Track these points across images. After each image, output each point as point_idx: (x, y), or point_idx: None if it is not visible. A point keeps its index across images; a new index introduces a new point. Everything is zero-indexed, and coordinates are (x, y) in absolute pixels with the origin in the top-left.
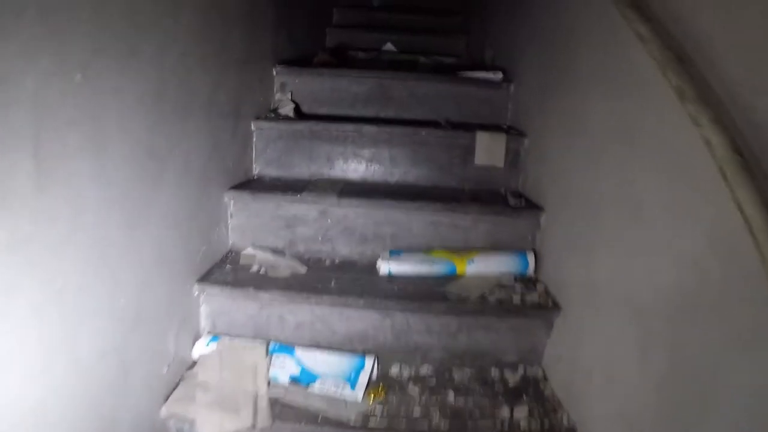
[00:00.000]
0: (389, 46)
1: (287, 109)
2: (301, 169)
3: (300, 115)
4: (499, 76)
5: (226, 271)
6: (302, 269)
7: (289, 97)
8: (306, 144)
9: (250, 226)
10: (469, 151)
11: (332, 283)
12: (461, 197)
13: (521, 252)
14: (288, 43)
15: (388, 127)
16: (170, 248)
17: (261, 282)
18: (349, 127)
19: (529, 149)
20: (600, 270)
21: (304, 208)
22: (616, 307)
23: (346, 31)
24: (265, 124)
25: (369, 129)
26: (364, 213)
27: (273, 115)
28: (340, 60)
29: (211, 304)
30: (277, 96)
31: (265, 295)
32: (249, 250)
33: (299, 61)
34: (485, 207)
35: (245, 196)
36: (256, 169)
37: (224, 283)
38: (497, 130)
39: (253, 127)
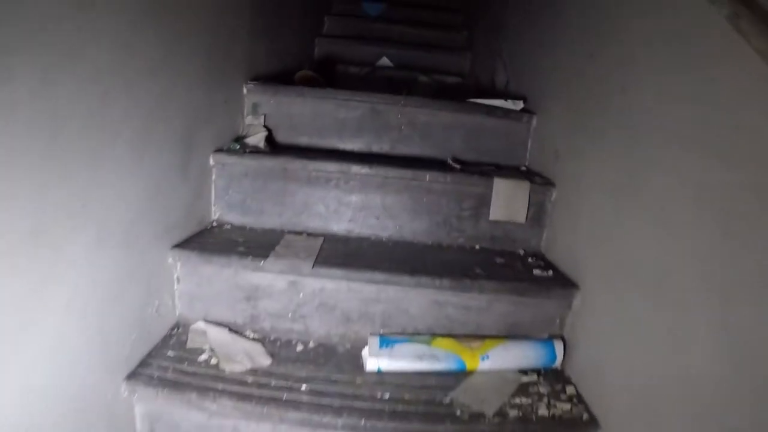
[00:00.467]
0: (385, 61)
1: (257, 138)
2: (272, 218)
3: (273, 145)
4: (518, 105)
5: (167, 358)
6: (265, 360)
7: (262, 122)
8: (278, 186)
9: (202, 295)
10: (483, 201)
11: (303, 387)
12: (472, 265)
13: (547, 341)
14: (267, 55)
15: (381, 167)
16: (84, 340)
17: (209, 382)
18: (332, 167)
19: (557, 202)
20: (665, 375)
21: (269, 278)
22: None
23: (337, 43)
24: (227, 159)
25: (358, 170)
26: (347, 287)
27: (239, 146)
28: (328, 76)
29: (147, 406)
30: (248, 120)
31: (212, 406)
32: (200, 325)
33: (278, 77)
34: (504, 284)
35: (193, 259)
36: (216, 214)
37: (161, 382)
38: (517, 175)
39: (212, 162)
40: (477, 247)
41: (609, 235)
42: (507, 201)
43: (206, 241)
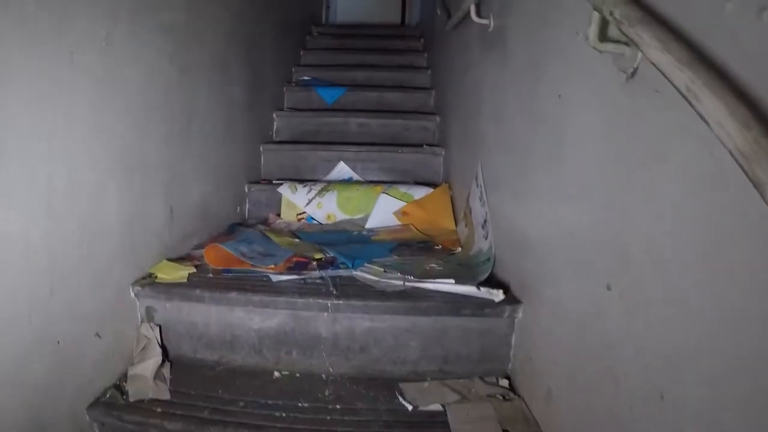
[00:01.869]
0: (342, 170)
1: (148, 368)
2: None
3: (171, 366)
4: (498, 296)
5: None
6: None
7: (158, 335)
8: None
9: None
10: None
11: None
12: None
13: None
14: (176, 220)
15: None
16: None
17: None
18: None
19: None
20: None
21: None
22: None
23: (287, 149)
24: (105, 417)
25: None
26: None
27: (120, 393)
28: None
29: None
30: (143, 329)
31: None
32: None
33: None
34: None
35: None
36: None
37: None
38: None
39: (88, 418)
40: None
41: None
42: None
43: None
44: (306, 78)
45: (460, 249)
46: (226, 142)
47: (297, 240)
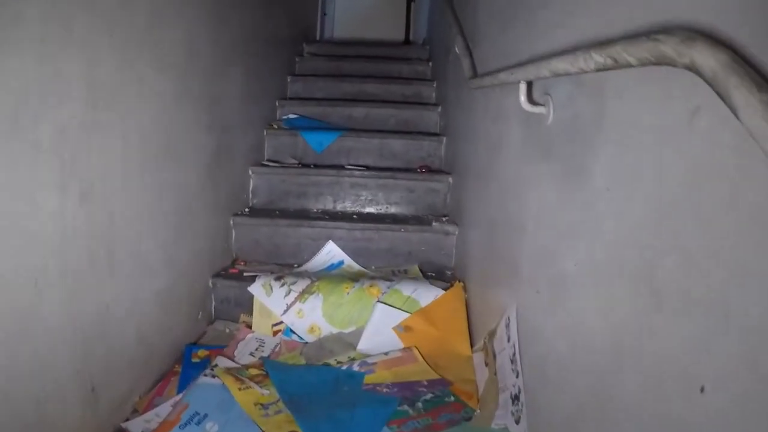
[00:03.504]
0: (332, 251)
1: None
2: None
3: None
4: None
5: None
6: None
7: None
8: None
9: None
10: None
11: None
12: None
13: None
14: (99, 395)
15: None
16: None
17: None
18: None
19: None
20: None
21: None
22: None
23: (262, 226)
24: None
25: None
26: None
27: None
28: None
29: None
30: None
31: None
32: None
33: None
34: None
35: None
36: None
37: None
38: None
39: None
40: None
41: None
42: None
43: None
44: (292, 116)
45: (478, 411)
46: (182, 235)
47: (267, 392)
